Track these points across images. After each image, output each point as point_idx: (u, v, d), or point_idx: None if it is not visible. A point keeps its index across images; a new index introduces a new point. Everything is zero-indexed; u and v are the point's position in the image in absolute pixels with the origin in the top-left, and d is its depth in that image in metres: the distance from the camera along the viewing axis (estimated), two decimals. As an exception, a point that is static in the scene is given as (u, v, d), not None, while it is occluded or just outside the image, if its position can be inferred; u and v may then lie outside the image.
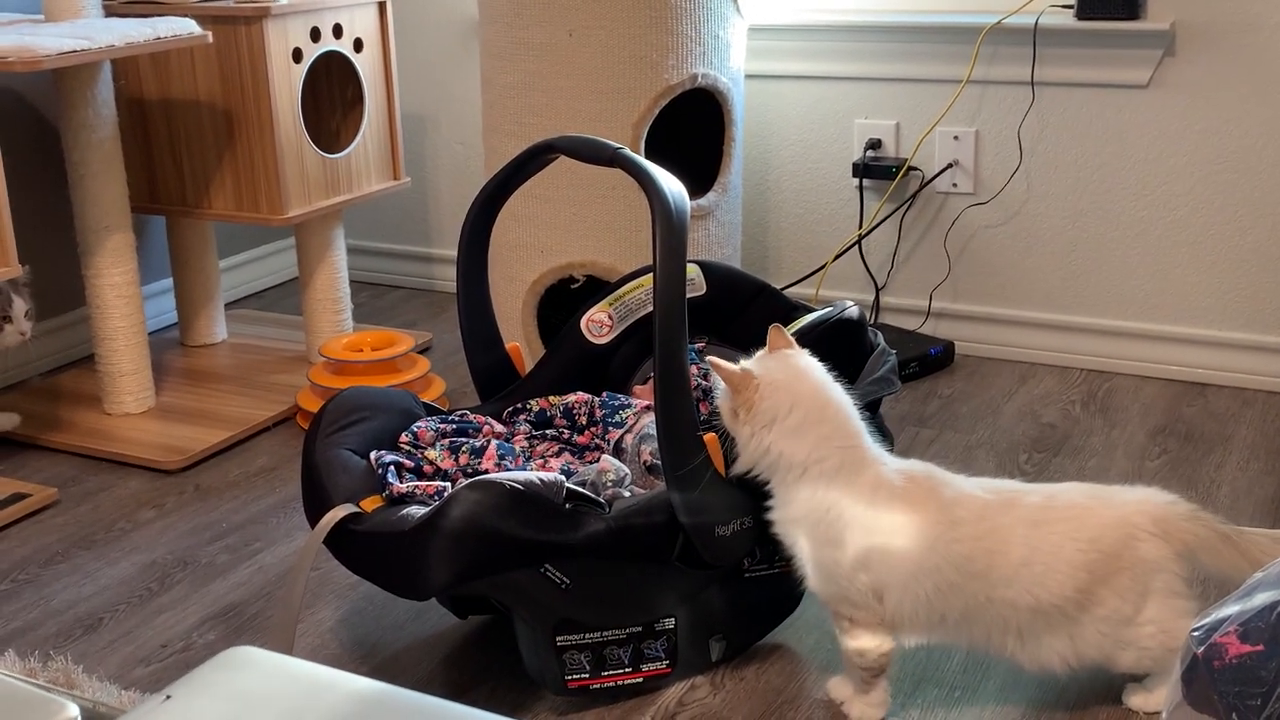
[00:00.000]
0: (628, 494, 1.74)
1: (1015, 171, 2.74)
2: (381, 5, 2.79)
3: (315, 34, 2.65)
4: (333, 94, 2.83)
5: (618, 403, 1.96)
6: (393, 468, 1.77)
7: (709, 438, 1.67)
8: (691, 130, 2.61)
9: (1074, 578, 1.57)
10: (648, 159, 1.74)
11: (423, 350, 2.95)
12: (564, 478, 1.65)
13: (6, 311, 2.37)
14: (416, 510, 1.64)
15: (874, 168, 2.84)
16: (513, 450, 1.87)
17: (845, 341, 1.97)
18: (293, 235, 3.08)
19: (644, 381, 2.05)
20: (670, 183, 1.66)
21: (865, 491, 1.60)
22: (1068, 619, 1.59)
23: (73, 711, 0.97)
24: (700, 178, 2.60)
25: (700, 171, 2.61)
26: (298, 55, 2.62)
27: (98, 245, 2.53)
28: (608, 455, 1.85)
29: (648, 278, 2.05)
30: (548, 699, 1.74)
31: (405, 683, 1.75)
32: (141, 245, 2.83)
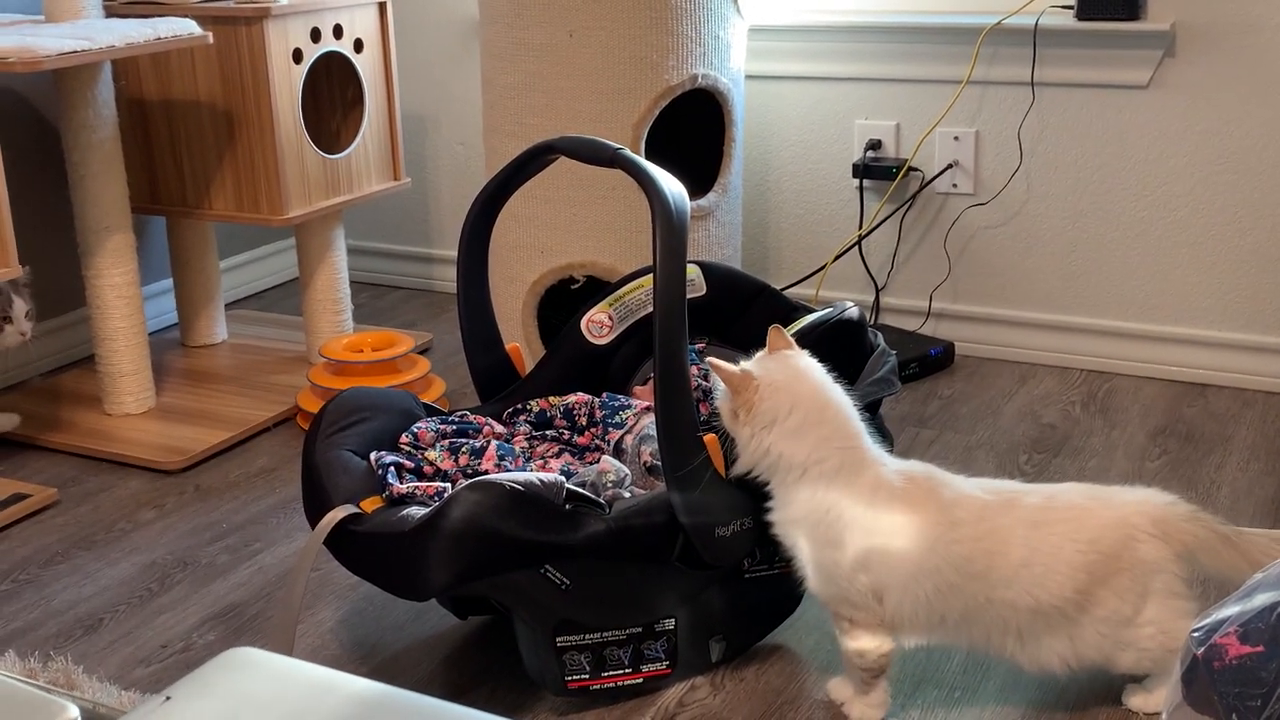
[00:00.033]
0: (628, 495, 1.74)
1: (1015, 172, 2.74)
2: (382, 6, 2.79)
3: (315, 34, 2.65)
4: (333, 94, 2.83)
5: (618, 403, 1.96)
6: (393, 468, 1.77)
7: (709, 438, 1.67)
8: (692, 131, 2.61)
9: (1073, 578, 1.57)
10: (648, 159, 1.74)
11: (423, 351, 2.95)
12: (564, 478, 1.65)
13: (7, 312, 2.37)
14: (417, 511, 1.64)
15: (874, 168, 2.84)
16: (513, 451, 1.87)
17: (845, 342, 1.97)
18: (293, 236, 3.08)
19: (644, 382, 2.05)
20: (670, 183, 1.66)
21: (865, 492, 1.60)
22: (1067, 620, 1.59)
23: (73, 712, 0.97)
24: (700, 178, 2.60)
25: (700, 172, 2.61)
26: (298, 56, 2.62)
27: (98, 246, 2.53)
28: (608, 456, 1.85)
29: (648, 278, 2.05)
30: (548, 700, 1.74)
31: (405, 684, 1.76)
32: (142, 246, 2.83)
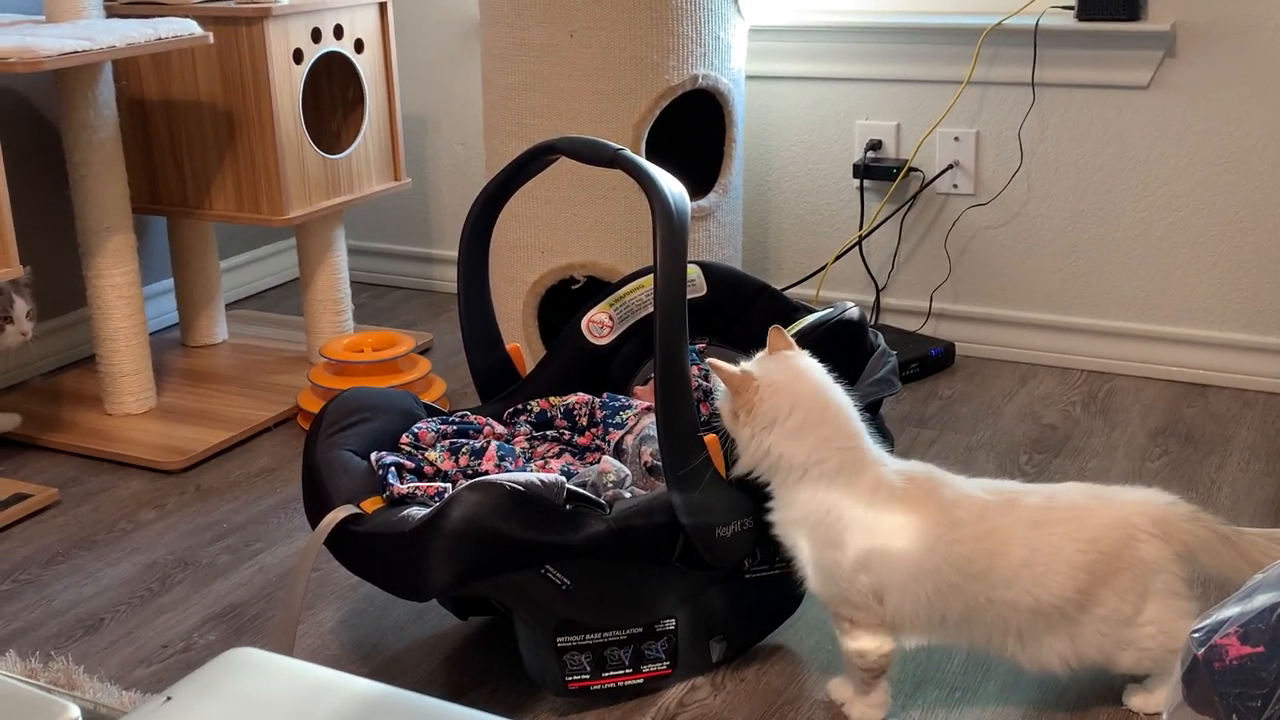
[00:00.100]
0: (628, 495, 1.74)
1: (1016, 172, 2.74)
2: (382, 6, 2.79)
3: (316, 35, 2.65)
4: (333, 95, 2.83)
5: (618, 404, 1.96)
6: (393, 469, 1.77)
7: (709, 439, 1.67)
8: (692, 131, 2.61)
9: (1074, 578, 1.57)
10: (648, 160, 1.74)
11: (423, 351, 2.95)
12: (564, 479, 1.65)
13: (8, 312, 2.37)
14: (417, 511, 1.64)
15: (875, 169, 2.84)
16: (513, 451, 1.87)
17: (846, 342, 1.97)
18: (293, 236, 3.08)
19: (645, 382, 2.05)
20: (671, 184, 1.66)
21: (865, 493, 1.60)
22: (1068, 620, 1.59)
23: (74, 712, 0.97)
24: (701, 179, 2.60)
25: (701, 172, 2.61)
26: (299, 56, 2.62)
27: (99, 246, 2.53)
28: (608, 456, 1.85)
29: (648, 278, 2.05)
30: (548, 700, 1.74)
31: (406, 684, 1.76)
32: (142, 246, 2.83)
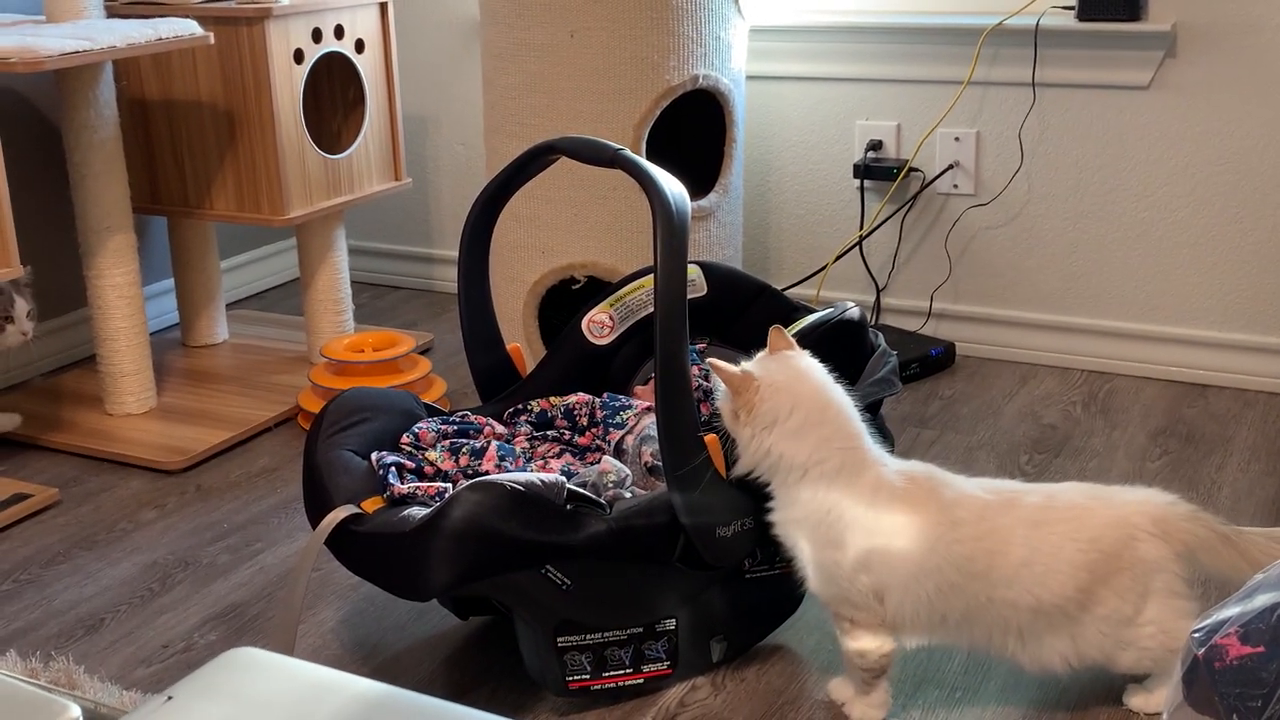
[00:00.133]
0: (629, 495, 1.74)
1: (1016, 173, 2.74)
2: (383, 6, 2.79)
3: (317, 35, 2.65)
4: (334, 95, 2.83)
5: (619, 404, 1.96)
6: (394, 469, 1.77)
7: (710, 439, 1.67)
8: (692, 131, 2.61)
9: (1074, 578, 1.57)
10: (649, 160, 1.74)
11: (424, 351, 2.95)
12: (565, 479, 1.65)
13: (8, 312, 2.37)
14: (418, 511, 1.64)
15: (875, 169, 2.84)
16: (513, 451, 1.87)
17: (846, 343, 1.97)
18: (294, 236, 3.08)
19: (645, 382, 2.05)
20: (671, 184, 1.66)
21: (866, 493, 1.60)
22: (1068, 619, 1.59)
23: (74, 712, 0.97)
24: (701, 179, 2.60)
25: (701, 172, 2.61)
26: (299, 56, 2.62)
27: (99, 246, 2.53)
28: (609, 456, 1.85)
29: (649, 278, 2.05)
30: (549, 700, 1.74)
31: (406, 684, 1.75)
32: (143, 246, 2.83)
